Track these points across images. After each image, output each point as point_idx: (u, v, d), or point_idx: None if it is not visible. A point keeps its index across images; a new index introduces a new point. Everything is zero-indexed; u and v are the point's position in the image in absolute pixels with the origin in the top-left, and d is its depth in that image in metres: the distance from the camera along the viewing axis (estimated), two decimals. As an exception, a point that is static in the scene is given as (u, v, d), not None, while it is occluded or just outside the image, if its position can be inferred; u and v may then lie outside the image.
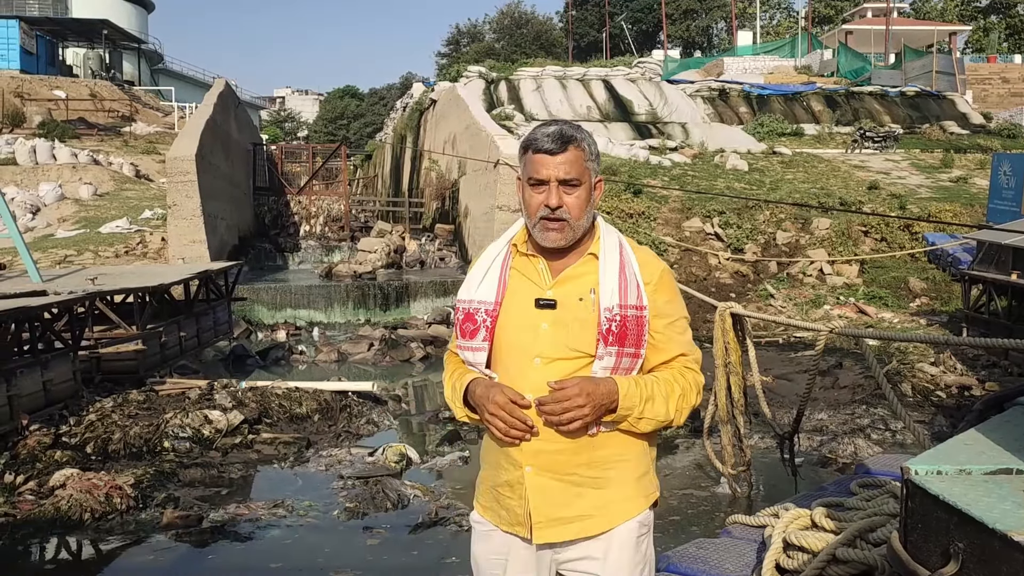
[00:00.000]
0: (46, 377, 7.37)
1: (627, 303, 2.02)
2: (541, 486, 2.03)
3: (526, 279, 2.09)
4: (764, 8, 50.74)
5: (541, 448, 2.01)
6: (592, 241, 2.10)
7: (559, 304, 2.03)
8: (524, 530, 2.06)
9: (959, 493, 1.50)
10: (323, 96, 75.24)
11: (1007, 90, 33.02)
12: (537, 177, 2.02)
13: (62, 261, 13.68)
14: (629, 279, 2.05)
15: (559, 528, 2.05)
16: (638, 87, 23.37)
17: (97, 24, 35.24)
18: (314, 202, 20.83)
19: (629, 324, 2.01)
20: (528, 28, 50.51)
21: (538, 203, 2.02)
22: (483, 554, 2.17)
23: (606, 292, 2.02)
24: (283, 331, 13.17)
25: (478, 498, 2.20)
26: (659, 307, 2.07)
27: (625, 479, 2.09)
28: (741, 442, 5.60)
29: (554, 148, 2.00)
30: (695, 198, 15.44)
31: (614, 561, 2.06)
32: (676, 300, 2.13)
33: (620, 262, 2.07)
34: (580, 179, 2.02)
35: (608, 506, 2.06)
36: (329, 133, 57.34)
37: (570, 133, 2.03)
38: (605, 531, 2.05)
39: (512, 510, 2.07)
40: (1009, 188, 13.32)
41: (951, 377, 8.92)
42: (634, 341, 2.02)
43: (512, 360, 2.05)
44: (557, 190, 2.00)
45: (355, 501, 5.93)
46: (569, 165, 2.01)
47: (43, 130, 23.13)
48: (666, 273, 2.12)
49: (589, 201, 2.05)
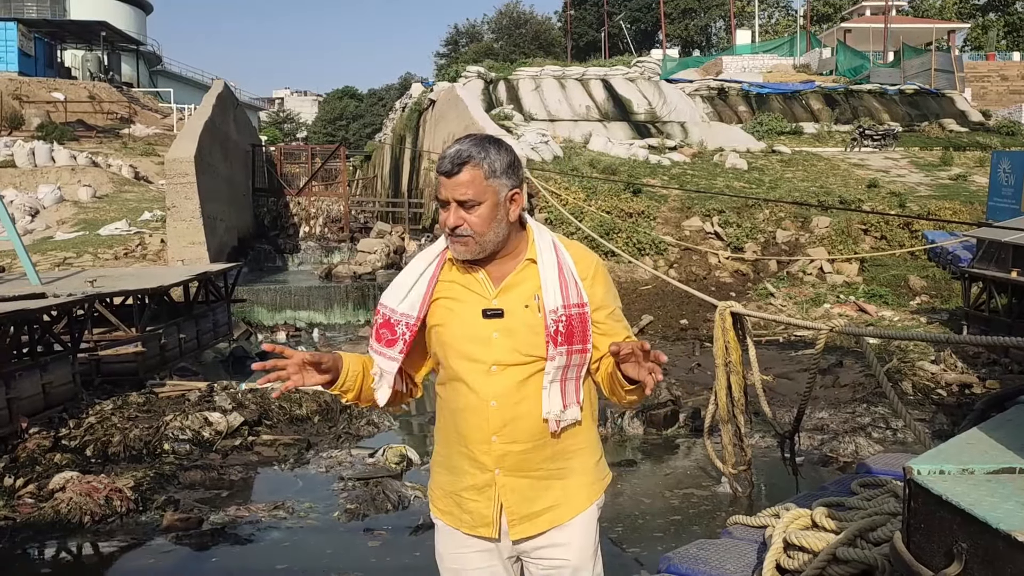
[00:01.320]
0: (45, 380, 7.35)
1: (570, 303, 2.09)
2: (512, 486, 2.12)
3: (468, 290, 2.14)
4: (763, 7, 50.77)
5: (507, 450, 2.10)
6: (527, 245, 2.15)
7: (506, 312, 2.09)
8: (490, 531, 2.13)
9: (962, 493, 1.49)
10: (322, 97, 75.29)
11: (1006, 87, 33.02)
12: (440, 198, 2.09)
13: (61, 263, 13.67)
14: (567, 279, 2.11)
15: (531, 523, 2.13)
16: (637, 86, 23.35)
17: (95, 26, 35.23)
18: (313, 203, 20.82)
19: (574, 322, 2.08)
20: (527, 28, 50.53)
21: (443, 220, 2.10)
22: (446, 550, 2.24)
23: (549, 295, 2.08)
24: (283, 332, 13.17)
25: (434, 503, 2.27)
26: (599, 299, 2.15)
27: (585, 466, 2.19)
28: (742, 441, 5.60)
29: (450, 170, 2.05)
30: (694, 197, 15.43)
31: (579, 546, 2.16)
32: (612, 290, 2.21)
33: (557, 263, 2.13)
34: (477, 199, 2.04)
35: (571, 494, 2.16)
36: (328, 134, 57.35)
37: (467, 154, 2.05)
38: (571, 519, 2.15)
39: (477, 512, 2.14)
40: (1008, 185, 13.31)
41: (952, 375, 8.91)
42: (581, 337, 2.09)
43: (468, 370, 2.10)
44: (455, 210, 2.06)
45: (356, 502, 5.92)
46: (465, 187, 2.04)
47: (42, 132, 23.11)
48: (599, 266, 2.21)
49: (495, 217, 2.07)
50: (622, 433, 7.75)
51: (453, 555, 2.22)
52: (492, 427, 2.09)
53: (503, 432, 2.08)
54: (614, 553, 5.12)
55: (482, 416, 2.09)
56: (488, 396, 2.07)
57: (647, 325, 12.19)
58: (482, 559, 2.18)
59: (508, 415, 2.08)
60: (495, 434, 2.09)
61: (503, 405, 2.08)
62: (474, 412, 2.10)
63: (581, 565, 2.17)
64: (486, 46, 48.10)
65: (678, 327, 12.20)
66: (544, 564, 2.17)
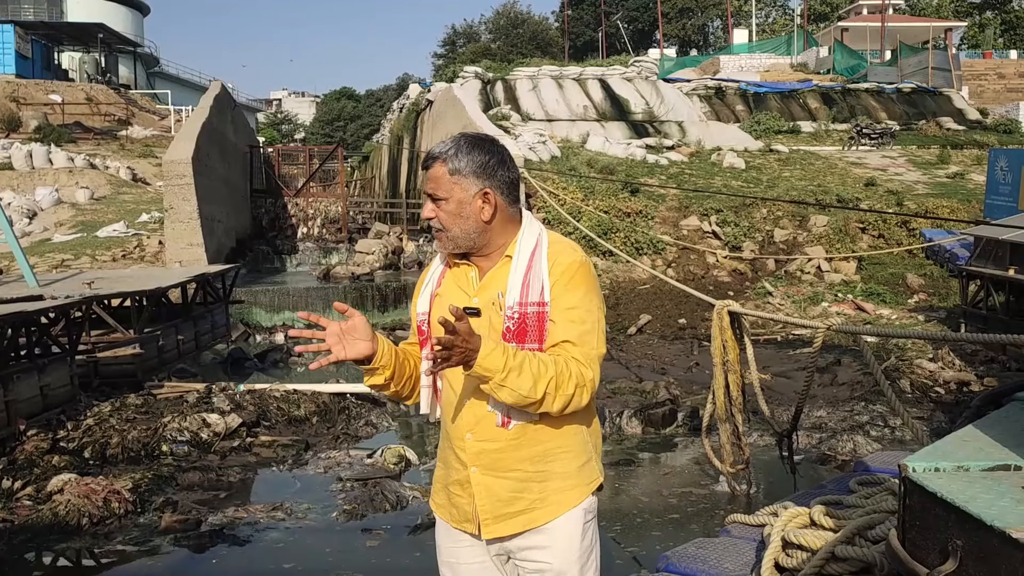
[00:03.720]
0: (43, 382, 7.34)
1: (528, 300, 2.07)
2: (487, 484, 2.13)
3: (459, 289, 2.19)
4: (760, 6, 50.78)
5: (483, 448, 2.12)
6: (511, 243, 2.17)
7: (482, 311, 2.12)
8: (472, 527, 2.17)
9: (957, 490, 1.49)
10: (319, 98, 75.22)
11: (1003, 86, 33.04)
12: (423, 191, 2.18)
13: (59, 265, 13.66)
14: (534, 277, 2.09)
15: (504, 523, 2.14)
16: (634, 86, 23.36)
17: (92, 28, 35.20)
18: (311, 204, 20.79)
19: (529, 320, 2.06)
20: (524, 28, 50.56)
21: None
22: (443, 543, 2.29)
23: (511, 291, 2.09)
24: (281, 333, 13.15)
25: (433, 495, 2.32)
26: (557, 295, 2.08)
27: (567, 470, 2.16)
28: (740, 440, 5.60)
29: (425, 164, 2.15)
30: (692, 196, 15.44)
31: (561, 549, 2.15)
32: (580, 291, 2.10)
33: (530, 261, 2.11)
34: (444, 195, 2.11)
35: (550, 497, 2.14)
36: (326, 135, 57.28)
37: (438, 151, 2.14)
38: (548, 522, 2.14)
39: (462, 507, 2.18)
40: (1006, 183, 13.32)
41: (950, 373, 8.92)
42: (535, 336, 2.07)
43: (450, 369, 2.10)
44: (428, 203, 2.15)
45: (354, 503, 5.92)
46: (433, 181, 2.13)
47: (39, 134, 23.09)
48: (574, 266, 2.11)
49: (460, 214, 2.10)
50: (620, 432, 7.76)
51: (449, 548, 2.26)
52: (467, 424, 2.14)
53: (476, 430, 2.12)
54: (613, 552, 5.12)
55: (458, 413, 2.15)
56: (463, 394, 2.13)
57: (645, 324, 12.19)
58: (473, 554, 2.22)
59: (479, 412, 2.11)
60: (469, 431, 2.14)
61: (474, 403, 2.12)
62: (453, 408, 2.17)
63: (564, 569, 2.15)
64: (483, 46, 48.11)
65: (676, 326, 12.21)
66: (528, 567, 2.19)
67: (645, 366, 10.07)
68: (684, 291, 7.80)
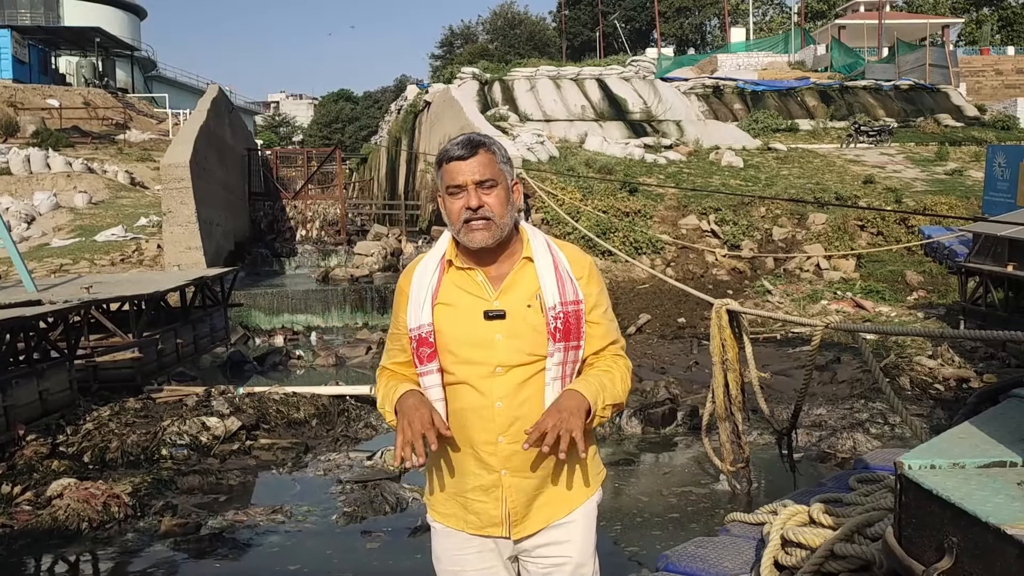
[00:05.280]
0: (42, 387, 7.34)
1: (566, 300, 2.14)
2: (518, 486, 2.15)
3: (468, 293, 2.16)
4: (757, 4, 50.77)
5: (514, 450, 2.12)
6: (522, 245, 2.20)
7: (508, 314, 2.12)
8: (499, 529, 2.16)
9: (953, 487, 1.49)
10: (317, 100, 75.18)
11: (1000, 82, 33.04)
12: (454, 184, 2.11)
13: (57, 270, 13.65)
14: (563, 276, 2.17)
15: (531, 520, 2.17)
16: (632, 86, 23.35)
17: (89, 32, 35.19)
18: (310, 206, 20.80)
19: (571, 319, 2.13)
20: (521, 28, 50.58)
21: (459, 208, 2.11)
22: (444, 552, 2.26)
23: (548, 293, 2.13)
24: (280, 336, 13.15)
25: (435, 507, 2.28)
26: (594, 298, 2.21)
27: (581, 463, 2.22)
28: (739, 439, 5.59)
29: (464, 154, 2.10)
30: (691, 196, 15.44)
31: (580, 542, 2.20)
32: (604, 290, 2.28)
33: (553, 262, 2.18)
34: (495, 179, 2.12)
35: (568, 489, 2.20)
36: (324, 137, 57.25)
37: (479, 139, 2.15)
38: (567, 515, 2.19)
39: (485, 513, 2.16)
40: (1004, 180, 13.32)
41: (949, 370, 8.92)
42: (576, 334, 2.15)
43: (473, 373, 2.12)
44: (475, 191, 2.10)
45: (354, 505, 5.92)
46: (482, 167, 2.10)
47: (37, 139, 23.09)
48: (593, 266, 2.27)
49: (509, 201, 2.15)
50: (620, 432, 7.75)
51: (453, 556, 2.23)
52: (499, 427, 2.11)
53: (509, 432, 2.11)
54: (612, 551, 5.11)
55: (488, 417, 2.12)
56: (494, 397, 2.10)
57: (644, 324, 12.19)
58: (482, 560, 2.20)
59: (513, 415, 2.11)
60: (502, 434, 2.11)
61: (508, 406, 2.11)
62: (479, 413, 2.12)
63: (584, 561, 2.21)
64: (481, 47, 48.10)
65: (675, 325, 12.20)
66: (544, 562, 2.19)
67: (645, 365, 10.06)
68: (683, 290, 7.80)
